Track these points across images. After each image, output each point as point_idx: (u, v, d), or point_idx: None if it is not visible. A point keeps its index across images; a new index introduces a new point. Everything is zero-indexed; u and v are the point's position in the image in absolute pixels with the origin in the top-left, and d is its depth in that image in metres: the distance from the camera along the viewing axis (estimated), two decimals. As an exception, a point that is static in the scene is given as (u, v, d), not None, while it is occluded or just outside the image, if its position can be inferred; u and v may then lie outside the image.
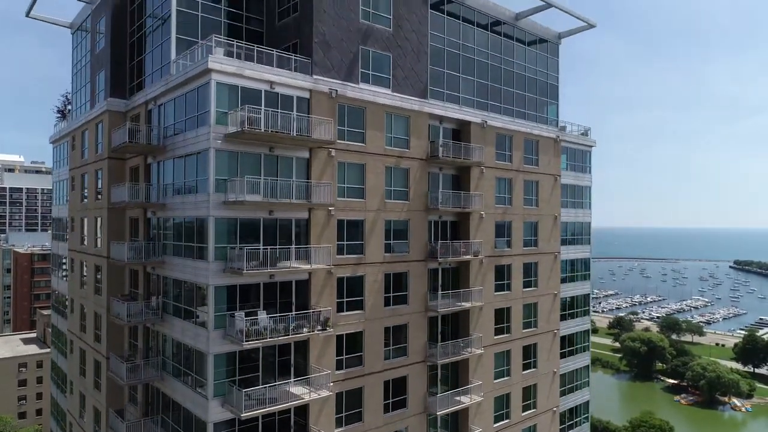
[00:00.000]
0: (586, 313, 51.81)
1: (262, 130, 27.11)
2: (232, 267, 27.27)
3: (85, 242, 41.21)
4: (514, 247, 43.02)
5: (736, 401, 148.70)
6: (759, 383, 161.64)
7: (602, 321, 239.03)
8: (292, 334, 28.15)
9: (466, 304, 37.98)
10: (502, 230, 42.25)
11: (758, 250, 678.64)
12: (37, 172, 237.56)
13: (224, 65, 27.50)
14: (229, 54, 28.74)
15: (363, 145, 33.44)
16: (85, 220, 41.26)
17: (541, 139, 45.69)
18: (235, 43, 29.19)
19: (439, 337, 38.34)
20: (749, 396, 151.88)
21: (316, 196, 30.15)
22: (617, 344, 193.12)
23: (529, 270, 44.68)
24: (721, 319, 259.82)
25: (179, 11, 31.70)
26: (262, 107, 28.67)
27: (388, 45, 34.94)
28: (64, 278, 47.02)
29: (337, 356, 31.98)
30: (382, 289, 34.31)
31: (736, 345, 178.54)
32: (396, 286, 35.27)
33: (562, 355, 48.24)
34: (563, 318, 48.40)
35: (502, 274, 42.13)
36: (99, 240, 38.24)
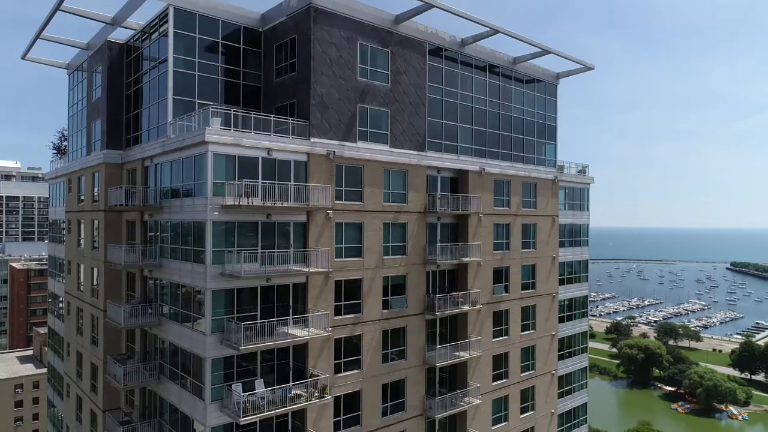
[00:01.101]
0: (584, 350, 51.88)
1: (260, 204, 27.00)
2: (228, 340, 27.18)
3: (81, 288, 41.06)
4: (512, 291, 43.00)
5: (733, 409, 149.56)
6: (755, 390, 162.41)
7: (599, 325, 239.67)
8: (289, 405, 28.09)
9: (464, 355, 37.98)
10: (500, 276, 42.21)
11: (756, 250, 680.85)
12: (34, 178, 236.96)
13: (221, 136, 27.37)
14: (226, 121, 28.54)
15: (361, 203, 33.35)
16: (82, 266, 41.10)
17: (539, 181, 45.67)
18: (231, 111, 28.96)
19: (438, 388, 38.31)
20: (746, 404, 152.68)
21: (314, 262, 30.07)
22: (614, 350, 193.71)
23: (528, 313, 44.67)
24: (718, 323, 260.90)
25: (176, 72, 31.53)
26: (260, 179, 28.58)
27: (386, 100, 34.83)
28: (61, 318, 46.88)
29: (334, 417, 31.91)
30: (380, 346, 34.26)
31: (733, 351, 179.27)
32: (394, 342, 35.22)
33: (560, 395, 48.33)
34: (561, 357, 48.46)
35: (500, 320, 42.13)
36: (96, 291, 38.08)
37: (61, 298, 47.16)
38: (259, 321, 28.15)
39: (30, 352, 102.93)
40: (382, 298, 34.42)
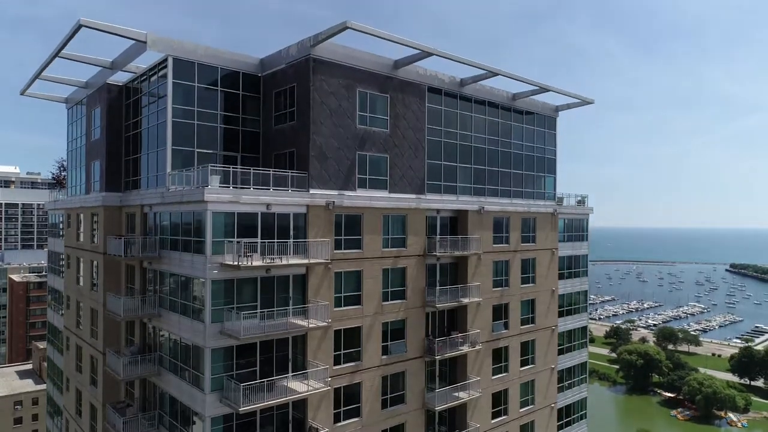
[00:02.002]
0: (582, 381, 51.92)
1: (259, 263, 27.00)
2: (227, 398, 27.20)
3: (81, 326, 41.02)
4: (511, 328, 43.01)
5: (732, 416, 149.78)
6: (755, 397, 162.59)
7: (599, 329, 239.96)
8: (289, 462, 28.09)
9: (464, 396, 38.00)
10: (500, 313, 42.23)
11: (756, 251, 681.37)
12: (33, 183, 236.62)
13: (220, 195, 27.34)
14: (225, 177, 28.48)
15: (360, 251, 33.34)
16: (81, 304, 41.06)
17: (539, 215, 45.67)
18: (231, 169, 28.90)
19: (437, 427, 38.33)
20: (745, 410, 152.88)
21: (314, 315, 30.07)
22: (614, 355, 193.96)
23: (527, 348, 44.70)
24: (717, 327, 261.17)
25: (175, 122, 31.51)
26: (259, 233, 28.60)
27: (385, 146, 34.82)
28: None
29: (334, 467, 31.94)
30: (380, 393, 34.27)
31: (732, 357, 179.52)
32: (393, 387, 35.24)
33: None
34: (560, 389, 48.53)
35: (499, 357, 42.17)
36: (96, 332, 38.05)
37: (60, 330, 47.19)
38: (258, 379, 28.18)
39: (29, 366, 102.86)
40: (382, 344, 34.43)
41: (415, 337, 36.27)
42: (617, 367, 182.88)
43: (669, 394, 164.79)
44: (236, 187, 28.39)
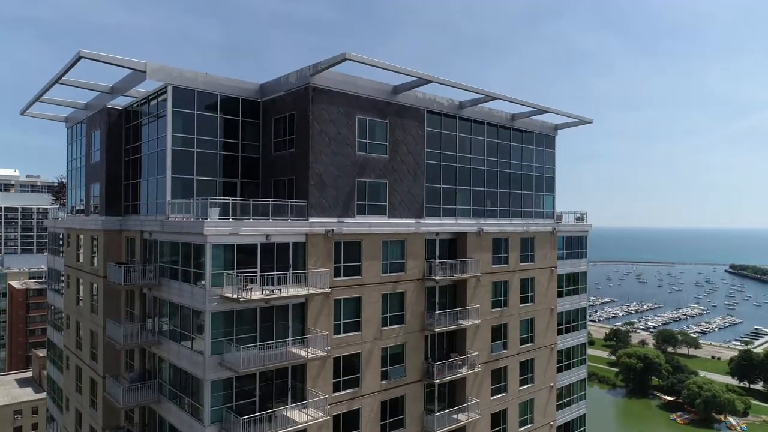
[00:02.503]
0: (581, 398, 52.03)
1: (259, 296, 27.09)
2: (226, 430, 27.30)
3: (81, 347, 41.12)
4: (510, 348, 43.11)
5: (731, 420, 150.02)
6: (754, 400, 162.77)
7: (599, 332, 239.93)
8: (288, 492, 28.19)
9: (463, 418, 38.10)
10: (499, 334, 42.33)
11: (756, 251, 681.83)
12: (32, 186, 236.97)
13: (220, 228, 27.43)
14: (224, 208, 28.53)
15: (359, 277, 33.43)
16: (81, 324, 41.15)
17: (538, 234, 45.77)
18: (230, 201, 28.96)
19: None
20: (744, 414, 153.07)
21: (313, 344, 30.16)
22: (613, 357, 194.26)
23: (526, 367, 44.80)
24: (716, 329, 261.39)
25: (175, 150, 31.59)
26: (258, 263, 28.68)
27: (384, 172, 34.90)
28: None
29: (333, 493, 32.04)
30: (379, 418, 34.37)
31: (731, 360, 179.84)
32: (393, 412, 35.33)
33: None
34: (559, 407, 48.65)
35: (498, 378, 42.27)
36: (96, 355, 38.15)
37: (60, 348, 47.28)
38: (257, 409, 28.28)
39: (29, 374, 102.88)
40: (381, 369, 34.52)
41: (415, 360, 36.37)
42: (617, 370, 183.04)
43: (668, 398, 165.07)
44: (236, 219, 28.48)
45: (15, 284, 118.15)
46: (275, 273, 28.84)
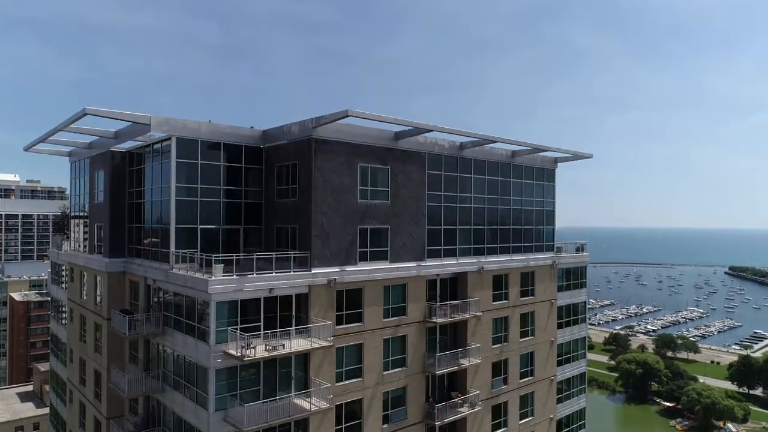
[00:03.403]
0: (581, 427, 52.40)
1: (263, 354, 27.43)
2: (232, 486, 27.66)
3: (84, 383, 41.44)
4: (510, 383, 43.47)
5: (731, 426, 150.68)
6: (753, 406, 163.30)
7: (598, 335, 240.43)
8: None
9: (463, 457, 38.47)
10: (499, 369, 42.67)
11: (755, 252, 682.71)
12: (32, 191, 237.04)
13: (224, 285, 27.76)
14: (227, 268, 28.83)
15: (361, 324, 33.76)
16: (86, 362, 41.46)
17: (538, 268, 46.10)
18: (234, 257, 29.26)
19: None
20: (744, 420, 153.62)
21: (316, 396, 30.47)
22: (613, 362, 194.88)
23: (526, 400, 45.15)
24: (716, 333, 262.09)
25: (179, 200, 31.89)
26: (262, 325, 29.03)
27: (386, 217, 35.22)
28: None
29: None
30: (380, 462, 34.68)
31: (731, 365, 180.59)
32: (394, 455, 35.67)
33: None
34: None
35: (498, 413, 42.61)
36: (99, 394, 38.48)
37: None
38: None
39: (30, 388, 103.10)
40: (382, 413, 34.85)
41: (416, 402, 36.71)
42: (616, 375, 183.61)
43: (668, 404, 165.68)
44: (240, 274, 28.75)
45: (16, 296, 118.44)
46: (278, 330, 29.11)
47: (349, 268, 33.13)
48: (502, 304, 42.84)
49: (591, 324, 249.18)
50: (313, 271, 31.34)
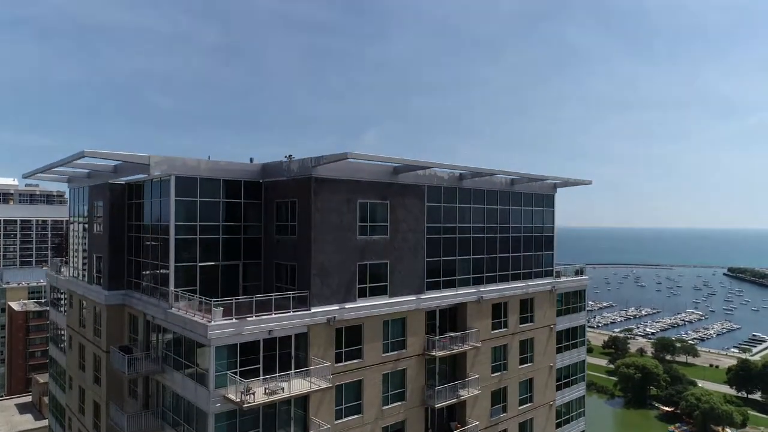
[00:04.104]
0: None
1: (263, 400, 27.41)
2: None
3: (83, 412, 41.41)
4: (509, 410, 43.50)
5: (729, 431, 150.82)
6: (752, 411, 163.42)
7: (597, 338, 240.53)
8: None
9: (462, 488, 38.46)
10: (498, 397, 42.69)
11: (755, 253, 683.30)
12: (31, 195, 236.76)
13: (223, 330, 27.74)
14: (227, 310, 28.81)
15: (360, 360, 33.74)
16: (85, 391, 41.43)
17: (537, 294, 46.09)
18: (233, 301, 29.23)
19: None
20: (743, 425, 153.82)
21: (315, 437, 30.50)
22: (612, 366, 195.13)
23: (525, 427, 45.17)
24: (714, 335, 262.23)
25: (178, 239, 31.86)
26: (261, 367, 29.00)
27: (385, 252, 35.20)
28: None
29: None
30: (379, 498, 34.69)
31: (730, 369, 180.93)
32: (393, 489, 35.68)
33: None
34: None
35: (497, 441, 42.65)
36: (98, 426, 38.45)
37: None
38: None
39: (29, 398, 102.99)
40: (382, 449, 34.86)
41: (415, 435, 36.73)
42: (615, 379, 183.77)
43: (667, 408, 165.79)
44: (239, 317, 28.73)
45: (14, 305, 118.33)
46: (277, 374, 29.09)
47: (348, 305, 33.11)
48: (501, 332, 42.84)
49: (590, 326, 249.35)
50: (312, 311, 31.32)
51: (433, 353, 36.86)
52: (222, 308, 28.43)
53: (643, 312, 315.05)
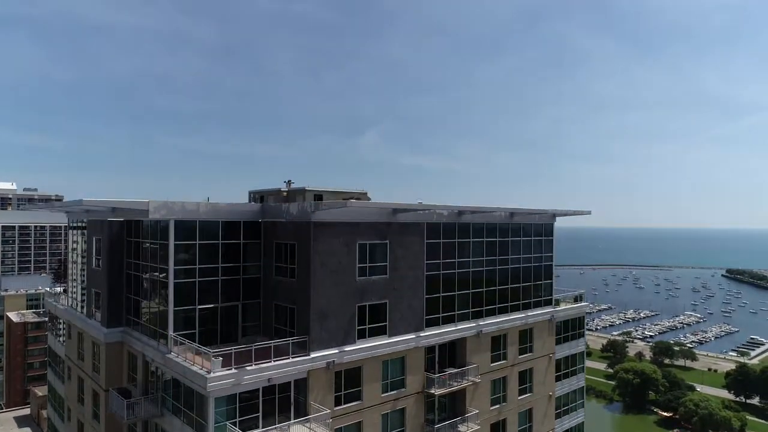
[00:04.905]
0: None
1: (261, 452, 27.41)
2: None
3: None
4: (508, 442, 43.51)
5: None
6: (750, 416, 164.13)
7: (596, 342, 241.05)
8: None
9: None
10: (498, 430, 42.67)
11: (754, 253, 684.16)
12: (29, 200, 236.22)
13: (223, 381, 27.70)
14: (226, 359, 28.75)
15: (360, 402, 33.71)
16: (84, 424, 41.38)
17: (536, 324, 46.09)
18: (232, 351, 29.17)
19: None
20: (741, 431, 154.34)
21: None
22: (610, 370, 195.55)
23: (524, 458, 45.23)
24: (713, 338, 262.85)
25: (177, 283, 31.79)
26: (260, 406, 28.94)
27: (384, 292, 35.16)
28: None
29: None
30: None
31: (728, 374, 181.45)
32: None
33: None
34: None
35: (496, 474, 42.67)
36: (97, 463, 38.43)
37: None
38: None
39: (27, 411, 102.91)
40: (381, 489, 34.84)
41: (414, 473, 36.70)
42: (614, 383, 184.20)
43: (666, 414, 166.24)
44: (238, 368, 28.67)
45: (13, 316, 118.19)
46: (277, 425, 29.06)
47: (348, 348, 33.08)
48: (500, 365, 42.85)
49: (589, 329, 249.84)
50: (311, 356, 31.29)
51: (433, 391, 36.84)
52: (221, 359, 28.37)
53: (642, 315, 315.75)
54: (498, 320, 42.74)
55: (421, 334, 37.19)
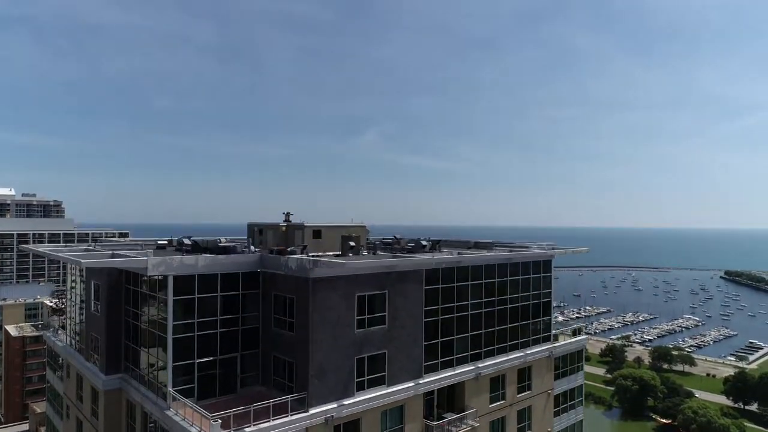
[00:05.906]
0: None
1: None
2: None
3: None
4: (507, 483, 43.55)
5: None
6: (749, 423, 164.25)
7: (594, 346, 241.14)
8: None
9: None
10: (496, 471, 42.75)
11: (752, 254, 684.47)
12: (28, 206, 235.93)
13: (222, 444, 27.68)
14: (225, 422, 28.74)
15: (359, 455, 33.71)
16: (82, 465, 41.42)
17: (535, 362, 46.11)
18: (232, 414, 29.14)
19: None
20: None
21: None
22: (609, 376, 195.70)
23: (522, 496, 45.27)
24: (711, 342, 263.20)
25: (176, 338, 31.77)
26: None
27: (383, 342, 35.14)
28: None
29: None
30: None
31: (726, 380, 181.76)
32: None
33: None
34: None
35: None
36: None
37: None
38: None
39: (26, 427, 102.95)
40: None
41: None
42: (612, 389, 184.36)
43: (664, 420, 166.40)
44: (237, 429, 28.64)
45: (11, 330, 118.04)
46: (276, 489, 29.05)
47: (347, 401, 33.05)
48: (499, 405, 42.89)
49: (587, 333, 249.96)
50: (310, 412, 31.27)
51: (432, 440, 36.88)
52: (220, 421, 28.34)
53: (641, 318, 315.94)
54: (497, 361, 42.77)
55: (420, 381, 37.19)
